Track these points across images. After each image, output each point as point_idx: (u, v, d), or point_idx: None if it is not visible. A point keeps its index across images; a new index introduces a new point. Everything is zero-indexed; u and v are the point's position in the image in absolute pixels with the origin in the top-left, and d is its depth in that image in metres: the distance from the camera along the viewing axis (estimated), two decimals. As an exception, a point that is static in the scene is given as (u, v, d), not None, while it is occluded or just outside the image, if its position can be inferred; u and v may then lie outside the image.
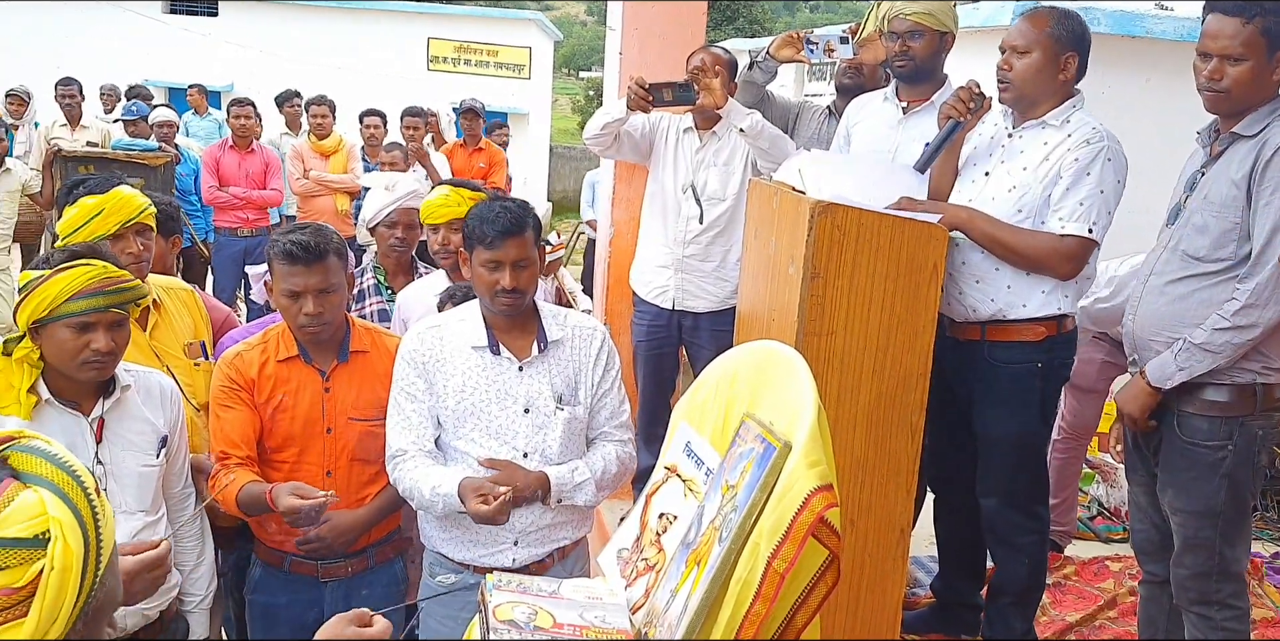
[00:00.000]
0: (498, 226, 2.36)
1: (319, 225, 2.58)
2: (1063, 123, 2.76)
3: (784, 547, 1.53)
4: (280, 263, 2.47)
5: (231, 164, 6.81)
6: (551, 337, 2.46)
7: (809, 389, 1.65)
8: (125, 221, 2.79)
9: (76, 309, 2.10)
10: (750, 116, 3.68)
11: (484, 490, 2.26)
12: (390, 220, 3.52)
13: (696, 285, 3.94)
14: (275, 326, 2.61)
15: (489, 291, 2.39)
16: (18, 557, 0.94)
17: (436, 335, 2.46)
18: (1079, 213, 2.67)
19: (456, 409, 2.42)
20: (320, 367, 2.56)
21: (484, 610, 1.72)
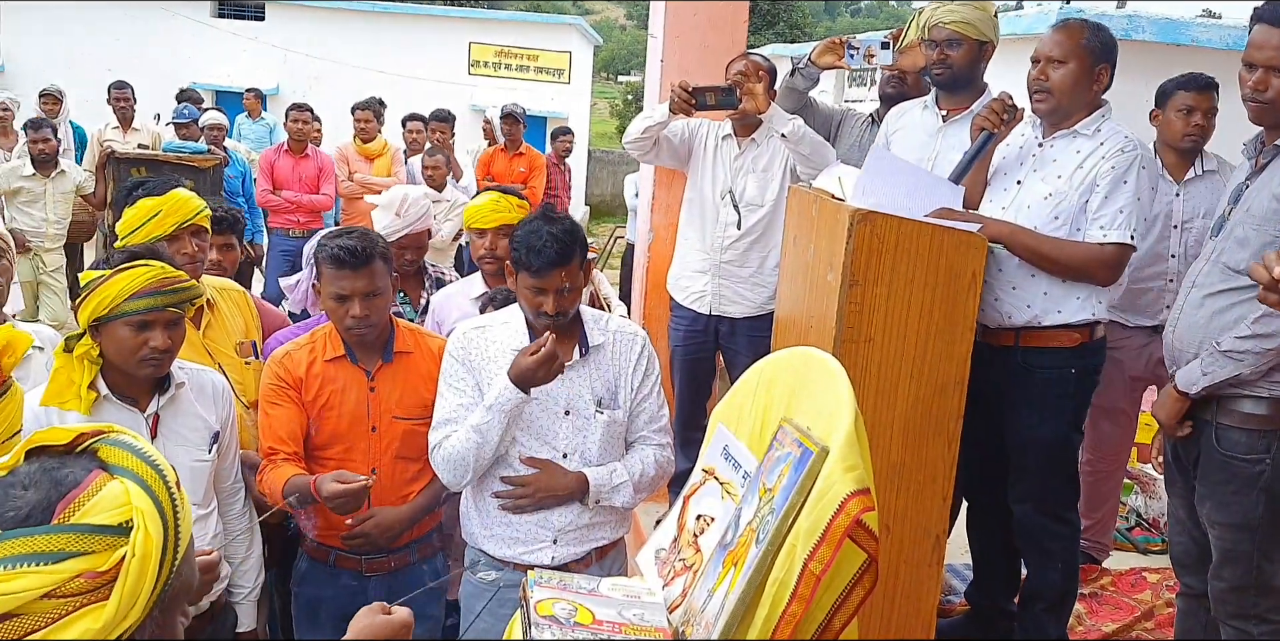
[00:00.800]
0: (544, 258, 2.39)
1: (364, 230, 2.64)
2: (1094, 132, 2.81)
3: (820, 549, 1.55)
4: (328, 267, 2.53)
5: (286, 167, 6.93)
6: (593, 342, 2.50)
7: (846, 394, 1.67)
8: (181, 223, 2.88)
9: (135, 308, 2.18)
10: (792, 122, 3.71)
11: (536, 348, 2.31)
12: (400, 244, 3.53)
13: (733, 290, 3.97)
14: (323, 327, 2.68)
15: (532, 312, 2.46)
16: (102, 543, 0.99)
17: (482, 335, 2.52)
18: (1119, 220, 2.72)
19: None
20: (366, 367, 2.62)
21: (525, 606, 1.77)
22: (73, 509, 1.00)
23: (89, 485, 1.02)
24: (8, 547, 0.97)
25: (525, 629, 1.73)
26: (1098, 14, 6.17)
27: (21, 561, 0.96)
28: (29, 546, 0.97)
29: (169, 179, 3.20)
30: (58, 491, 1.01)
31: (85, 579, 0.98)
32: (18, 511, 0.99)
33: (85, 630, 0.97)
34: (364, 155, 7.14)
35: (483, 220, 3.42)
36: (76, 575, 0.97)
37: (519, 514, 2.46)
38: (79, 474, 1.03)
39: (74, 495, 1.00)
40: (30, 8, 16.73)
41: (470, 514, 2.56)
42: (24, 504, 1.00)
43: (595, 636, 1.71)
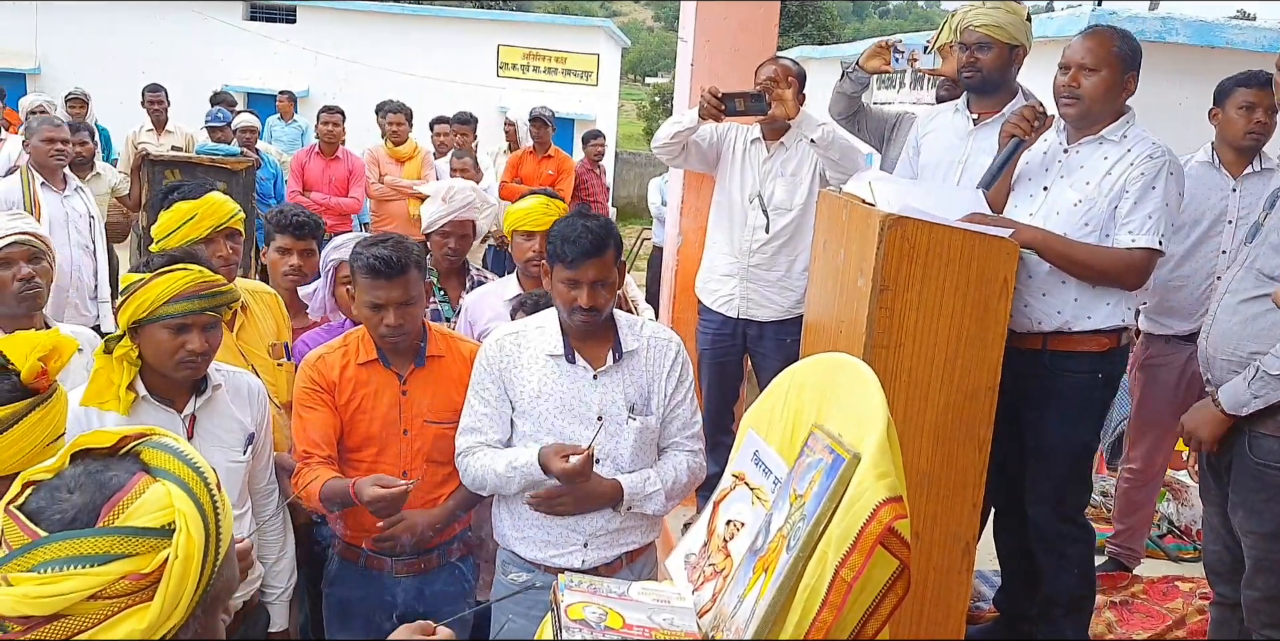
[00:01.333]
0: (579, 247, 2.41)
1: (400, 238, 2.65)
2: (1120, 138, 2.81)
3: (852, 557, 1.55)
4: (363, 276, 2.55)
5: (316, 170, 6.98)
6: (627, 348, 2.51)
7: (878, 401, 1.67)
8: (216, 226, 2.93)
9: (174, 311, 2.22)
10: (821, 127, 3.71)
11: (566, 450, 2.35)
12: (444, 230, 3.60)
13: (761, 294, 3.97)
14: (355, 330, 2.70)
15: (566, 307, 2.45)
16: (146, 546, 1.01)
17: (515, 342, 2.53)
18: (1148, 226, 2.72)
19: (531, 414, 2.48)
20: (398, 371, 2.64)
21: (556, 609, 1.78)
22: (117, 511, 1.02)
23: (132, 488, 1.04)
24: (55, 550, 0.99)
25: (556, 632, 1.74)
26: (1131, 16, 6.12)
27: (69, 563, 0.98)
28: (76, 548, 0.99)
29: (204, 182, 3.25)
30: (102, 494, 1.03)
31: (130, 580, 0.99)
32: (64, 514, 1.01)
33: (130, 630, 0.99)
34: (395, 158, 7.19)
35: (533, 223, 3.43)
36: (122, 577, 0.99)
37: (554, 516, 2.47)
38: (123, 477, 1.05)
39: (118, 498, 1.02)
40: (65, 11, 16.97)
41: (502, 515, 2.58)
42: (70, 507, 1.02)
43: (625, 640, 1.72)
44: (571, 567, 2.46)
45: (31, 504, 1.04)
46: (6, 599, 0.97)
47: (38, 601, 0.97)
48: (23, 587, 0.97)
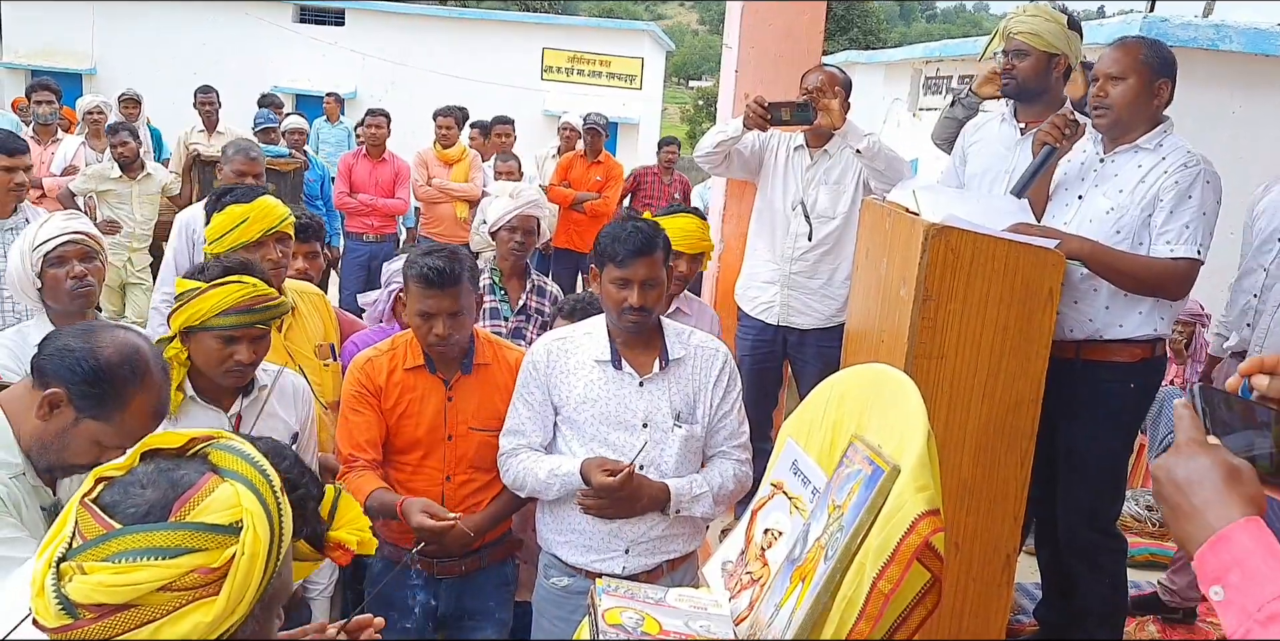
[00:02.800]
0: (629, 246, 2.43)
1: (454, 248, 2.69)
2: (1156, 146, 2.81)
3: (890, 569, 1.55)
4: (416, 285, 2.58)
5: (363, 172, 7.07)
6: (674, 356, 2.52)
7: (919, 413, 1.67)
8: (267, 230, 2.97)
9: (225, 323, 2.27)
10: (867, 138, 3.70)
11: (609, 464, 2.37)
12: (511, 225, 3.69)
13: (802, 302, 3.96)
14: (404, 334, 2.73)
15: (616, 308, 2.46)
16: (215, 542, 1.04)
17: (563, 347, 2.55)
18: (1186, 235, 2.72)
19: (575, 419, 2.50)
20: (445, 377, 2.67)
21: (593, 613, 1.79)
22: (188, 508, 1.05)
23: (203, 486, 1.07)
24: (129, 542, 1.03)
25: (593, 635, 1.76)
26: (1183, 23, 6.03)
27: (142, 555, 1.02)
28: (149, 541, 1.03)
29: (255, 186, 3.29)
30: (174, 491, 1.06)
31: (199, 574, 1.03)
32: (137, 508, 1.05)
33: (196, 624, 1.03)
34: (443, 160, 7.25)
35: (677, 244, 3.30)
36: (191, 570, 1.03)
37: (602, 521, 2.48)
38: (193, 476, 1.09)
39: (189, 495, 1.06)
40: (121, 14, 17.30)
41: (545, 519, 2.60)
42: (143, 502, 1.06)
43: (661, 646, 1.73)
44: (612, 573, 2.46)
45: (106, 498, 1.08)
46: (82, 586, 1.01)
47: (111, 590, 1.00)
48: (98, 576, 1.01)
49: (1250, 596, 0.92)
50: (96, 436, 1.81)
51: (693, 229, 3.50)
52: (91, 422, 1.80)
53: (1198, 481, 1.02)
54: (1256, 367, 1.14)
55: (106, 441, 1.81)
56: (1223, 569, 0.96)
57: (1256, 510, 0.99)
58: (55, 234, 2.83)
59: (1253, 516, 0.98)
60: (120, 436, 1.80)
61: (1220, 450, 1.04)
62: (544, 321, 3.66)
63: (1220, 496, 1.00)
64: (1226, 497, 1.00)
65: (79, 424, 1.80)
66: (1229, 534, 0.97)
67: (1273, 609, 0.90)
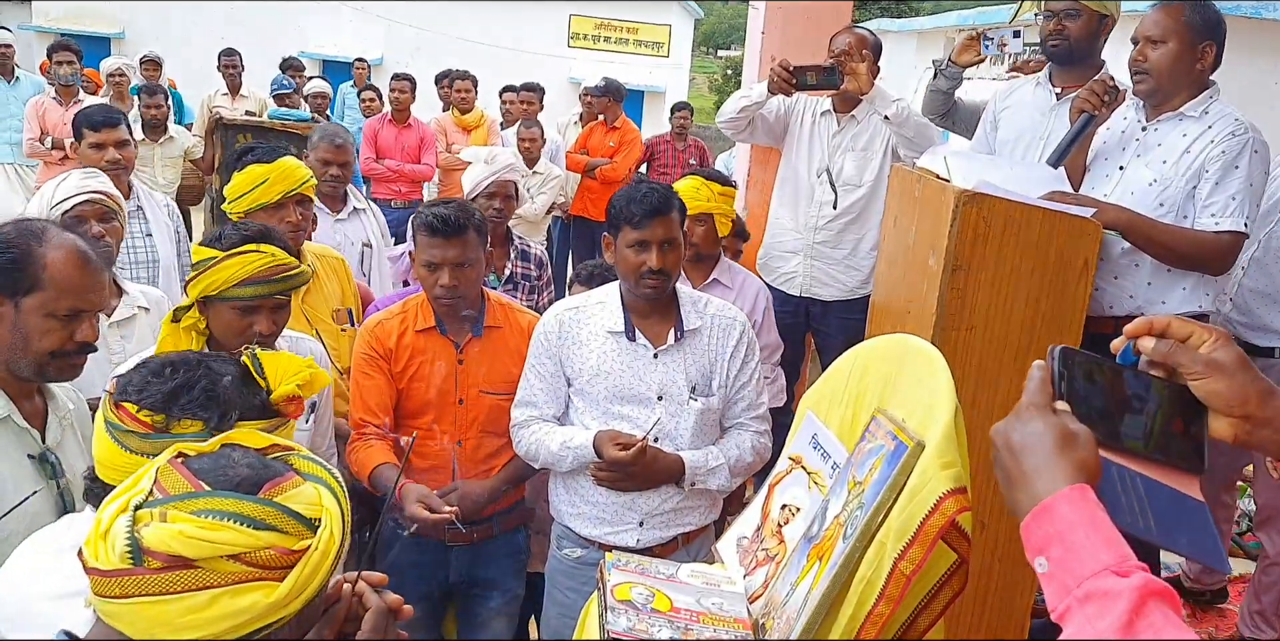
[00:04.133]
0: (645, 205, 2.37)
1: (462, 200, 2.63)
2: (1201, 114, 2.68)
3: (912, 549, 1.49)
4: (422, 234, 2.54)
5: (389, 137, 7.00)
6: (689, 326, 2.45)
7: (946, 387, 1.59)
8: (288, 191, 2.90)
9: (244, 294, 2.21)
10: (896, 103, 3.59)
11: (622, 438, 2.32)
12: (488, 191, 3.59)
13: (826, 273, 3.87)
14: (415, 297, 2.68)
15: (634, 273, 2.39)
16: (296, 528, 1.06)
17: (575, 317, 2.48)
18: (1232, 207, 2.60)
19: (588, 391, 2.44)
20: (455, 340, 2.61)
21: (602, 589, 1.74)
22: (276, 491, 1.08)
23: (291, 477, 1.11)
24: (219, 503, 1.04)
25: (601, 611, 1.70)
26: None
27: (229, 517, 1.03)
28: (237, 507, 1.04)
29: (278, 146, 3.21)
30: (267, 472, 1.09)
31: (275, 552, 1.04)
32: (231, 477, 1.07)
33: (254, 602, 1.03)
34: (461, 126, 7.17)
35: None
36: (269, 547, 1.04)
37: (617, 494, 2.43)
38: (280, 467, 1.12)
39: (279, 481, 1.09)
40: (149, -23, 17.22)
41: (558, 490, 2.55)
42: (237, 474, 1.08)
43: (672, 623, 1.67)
44: (626, 546, 2.41)
45: (197, 463, 1.09)
46: (160, 533, 1.01)
47: (190, 541, 1.00)
48: (180, 525, 1.01)
49: (1070, 572, 0.88)
50: (41, 309, 1.80)
51: (690, 190, 3.27)
52: (26, 299, 1.79)
53: (1030, 447, 0.97)
54: (1145, 329, 1.08)
55: (56, 308, 1.80)
56: (1045, 541, 0.92)
57: (1086, 477, 0.94)
58: (73, 192, 2.78)
59: (1079, 484, 0.93)
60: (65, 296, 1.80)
61: (1061, 416, 0.99)
62: (532, 286, 3.61)
63: (1050, 463, 0.95)
64: (1056, 464, 0.95)
65: (18, 309, 1.79)
66: (1052, 504, 0.92)
67: (1090, 586, 0.86)
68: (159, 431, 1.43)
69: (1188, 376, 1.04)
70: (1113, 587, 0.85)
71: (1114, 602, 0.84)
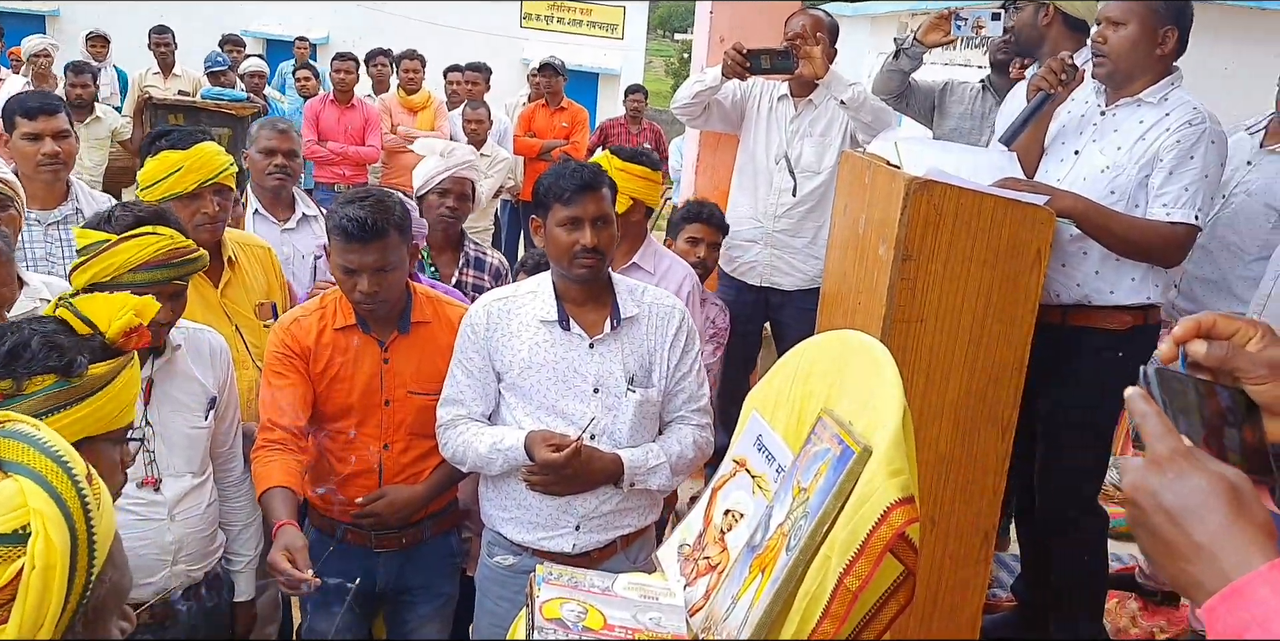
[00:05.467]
0: (576, 181, 2.25)
1: (381, 196, 2.42)
2: (1160, 100, 2.62)
3: (858, 564, 1.39)
4: (336, 238, 2.34)
5: (331, 118, 6.76)
6: (626, 314, 2.33)
7: (894, 388, 1.50)
8: (204, 181, 2.68)
9: (137, 280, 2.04)
10: (852, 88, 3.50)
11: (554, 439, 2.19)
12: (442, 187, 3.24)
13: (786, 262, 3.77)
14: (333, 292, 2.52)
15: (567, 254, 2.26)
16: None
17: (504, 307, 2.35)
18: (1184, 199, 2.53)
19: (521, 385, 2.31)
20: (379, 338, 2.46)
21: (530, 606, 1.62)
22: None
23: None
24: None
25: (529, 631, 1.59)
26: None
27: None
28: None
29: (195, 130, 2.99)
30: None
31: None
32: None
33: None
34: (407, 107, 6.97)
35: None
36: None
37: (550, 496, 2.30)
38: None
39: None
40: (85, -48, 16.67)
41: (489, 494, 2.42)
42: None
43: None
44: (562, 551, 2.30)
45: None
46: None
47: None
48: None
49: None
50: None
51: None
52: None
53: (1195, 510, 0.81)
54: (1194, 332, 0.96)
55: None
56: (1240, 626, 0.77)
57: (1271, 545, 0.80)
58: None
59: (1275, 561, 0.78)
60: None
61: (1210, 463, 0.84)
62: None
63: (1229, 532, 0.80)
64: (1237, 533, 0.80)
65: None
66: (1246, 587, 0.78)
67: None
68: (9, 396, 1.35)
69: (1247, 381, 0.93)
70: None
71: None
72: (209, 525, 2.29)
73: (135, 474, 2.14)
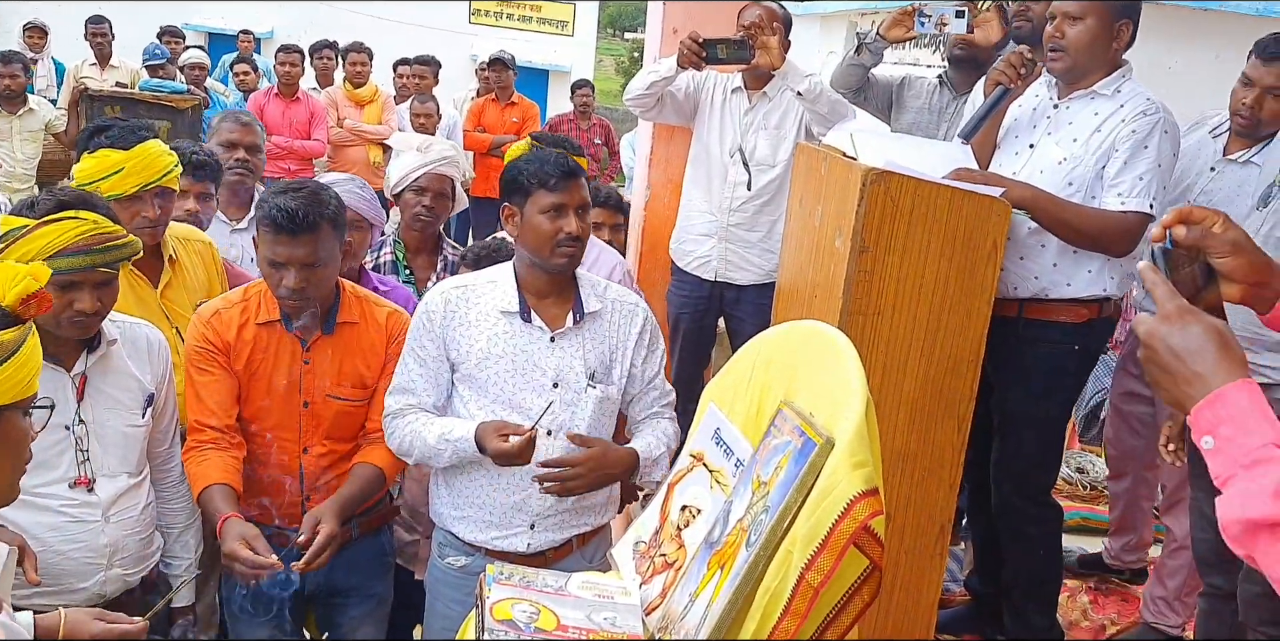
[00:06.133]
0: (561, 168, 2.20)
1: (314, 188, 2.31)
2: (1114, 92, 2.63)
3: (820, 558, 1.35)
4: (264, 228, 2.23)
5: (275, 112, 6.63)
6: (589, 309, 2.27)
7: (856, 378, 1.46)
8: (145, 184, 2.51)
9: (61, 266, 1.91)
10: (809, 78, 3.47)
11: (507, 428, 2.11)
12: (419, 185, 3.11)
13: (740, 256, 3.74)
14: (257, 283, 2.40)
15: (549, 241, 2.19)
16: None
17: (463, 296, 2.27)
18: (1139, 188, 2.54)
19: (477, 377, 2.24)
20: (302, 336, 2.34)
21: (480, 607, 1.57)
22: None
23: None
24: None
25: (478, 632, 1.53)
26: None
27: None
28: None
29: (139, 126, 2.76)
30: None
31: None
32: None
33: None
34: (354, 101, 6.86)
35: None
36: None
37: (565, 497, 2.23)
38: None
39: None
40: (20, -59, 16.21)
41: (440, 492, 2.35)
42: None
43: (557, 642, 1.51)
44: (516, 551, 2.24)
45: None
46: None
47: None
48: None
49: (1239, 446, 1.05)
50: None
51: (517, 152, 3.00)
52: None
53: (1195, 349, 1.11)
54: (1177, 219, 1.26)
55: None
56: (1216, 422, 1.08)
57: (1246, 370, 1.10)
58: None
59: (1248, 378, 1.08)
60: None
61: (1204, 317, 1.15)
62: None
63: (1218, 362, 1.10)
64: (1224, 363, 1.10)
65: None
66: (1226, 392, 1.08)
67: (1258, 454, 1.03)
68: None
69: (1214, 255, 1.25)
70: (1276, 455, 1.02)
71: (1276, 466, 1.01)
72: (145, 528, 2.20)
73: (68, 474, 2.05)
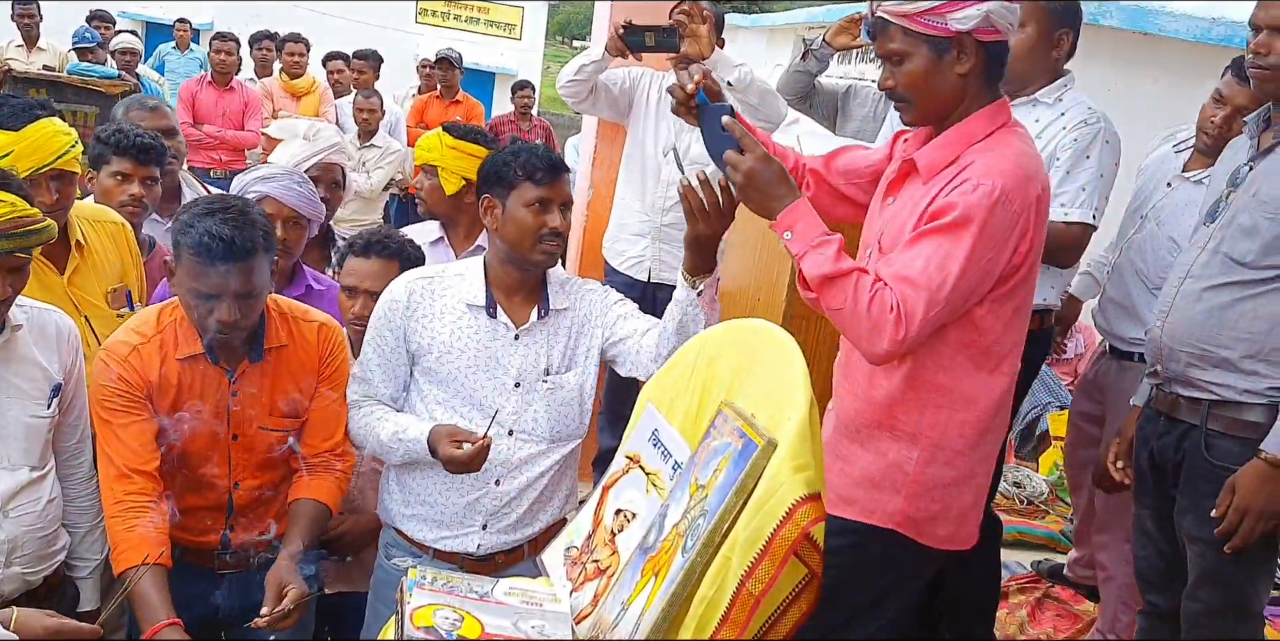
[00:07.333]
0: (548, 161, 2.15)
1: (241, 207, 2.06)
2: (1055, 101, 2.64)
3: (761, 566, 1.29)
4: (191, 256, 1.98)
5: (209, 101, 6.46)
6: (555, 306, 2.20)
7: (801, 379, 1.41)
8: (38, 167, 2.34)
9: None
10: (739, 69, 3.44)
11: (461, 435, 2.03)
12: (310, 175, 2.88)
13: (674, 256, 3.68)
14: (170, 309, 2.16)
15: (531, 235, 2.12)
16: None
17: (428, 287, 2.18)
18: (1081, 198, 2.55)
19: (438, 370, 2.16)
20: (227, 368, 2.16)
21: (400, 613, 1.48)
22: None
23: None
24: None
25: (398, 638, 1.44)
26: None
27: None
28: None
29: (31, 103, 2.49)
30: None
31: None
32: None
33: None
34: (290, 92, 6.70)
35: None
36: None
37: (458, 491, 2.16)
38: None
39: None
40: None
41: (390, 488, 2.25)
42: None
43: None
44: (466, 552, 2.17)
45: None
46: None
47: None
48: None
49: (808, 234, 1.87)
50: None
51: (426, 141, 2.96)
52: None
53: (774, 181, 1.90)
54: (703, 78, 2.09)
55: None
56: (792, 221, 1.89)
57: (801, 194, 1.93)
58: None
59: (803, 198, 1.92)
60: None
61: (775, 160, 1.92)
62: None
63: (787, 186, 1.91)
64: (790, 189, 1.91)
65: None
66: (798, 204, 1.89)
67: (820, 239, 1.86)
68: None
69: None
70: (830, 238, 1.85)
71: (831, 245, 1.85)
72: (49, 525, 2.06)
73: (-37, 467, 1.91)
